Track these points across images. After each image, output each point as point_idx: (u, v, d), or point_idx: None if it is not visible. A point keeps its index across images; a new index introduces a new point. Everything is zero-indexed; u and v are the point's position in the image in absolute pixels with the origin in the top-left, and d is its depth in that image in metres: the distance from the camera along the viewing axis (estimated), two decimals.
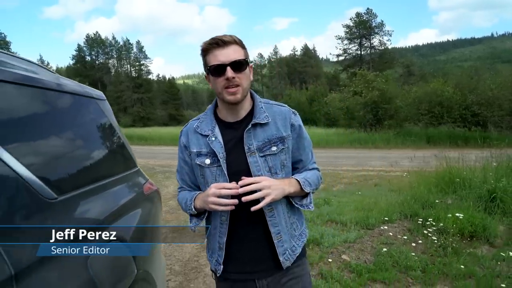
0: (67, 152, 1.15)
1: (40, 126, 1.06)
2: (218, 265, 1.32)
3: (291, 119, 1.31)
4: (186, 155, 1.33)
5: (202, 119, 1.33)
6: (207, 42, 1.21)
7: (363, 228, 4.40)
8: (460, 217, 3.99)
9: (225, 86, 1.19)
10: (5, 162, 0.83)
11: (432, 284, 3.04)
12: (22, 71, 1.02)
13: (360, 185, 8.05)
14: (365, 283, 3.01)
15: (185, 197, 1.33)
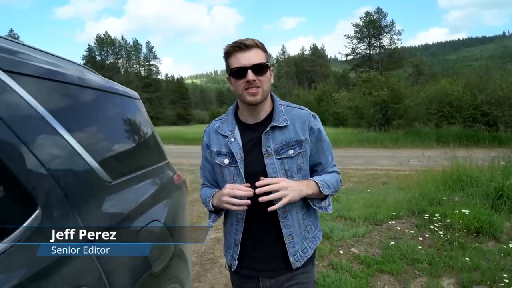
0: (117, 144, 1.34)
1: (97, 122, 1.25)
2: (233, 260, 1.37)
3: (310, 123, 1.32)
4: (208, 154, 1.38)
5: (223, 119, 1.37)
6: (229, 45, 1.25)
7: (372, 223, 4.53)
8: (466, 213, 4.10)
9: (245, 88, 1.22)
10: (78, 152, 1.02)
11: (438, 276, 3.17)
12: (98, 78, 1.24)
13: (368, 183, 8.16)
14: (373, 274, 3.16)
15: (206, 194, 1.39)
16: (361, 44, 51.04)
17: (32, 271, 0.72)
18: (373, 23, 48.97)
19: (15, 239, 0.73)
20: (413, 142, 16.35)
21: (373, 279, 3.08)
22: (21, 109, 0.86)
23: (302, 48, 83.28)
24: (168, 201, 1.55)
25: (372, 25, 49.10)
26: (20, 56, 0.94)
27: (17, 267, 0.70)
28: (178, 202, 1.68)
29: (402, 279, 3.11)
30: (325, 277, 2.96)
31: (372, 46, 50.35)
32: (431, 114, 18.46)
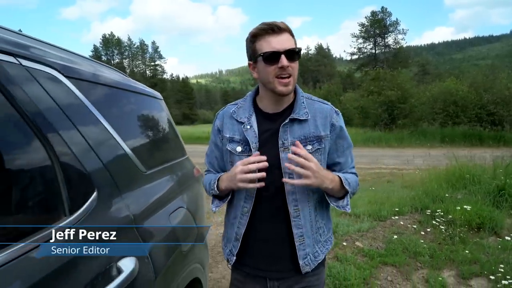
0: (147, 139, 1.52)
1: (131, 119, 1.43)
2: (231, 255, 1.30)
3: (332, 119, 1.24)
4: (218, 139, 1.29)
5: (240, 104, 1.28)
6: (259, 27, 1.15)
7: (376, 219, 4.68)
8: (468, 209, 4.23)
9: (277, 75, 1.13)
10: (120, 145, 1.19)
11: (439, 268, 3.31)
12: (128, 82, 1.43)
13: (373, 181, 8.28)
14: (377, 266, 3.31)
15: (210, 178, 1.29)
16: (366, 43, 51.06)
17: (100, 232, 0.90)
18: (378, 23, 48.93)
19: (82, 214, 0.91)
20: (418, 142, 16.42)
21: (376, 271, 3.23)
22: (78, 108, 1.04)
23: (307, 48, 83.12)
24: (189, 191, 1.72)
25: (377, 25, 49.06)
26: (73, 63, 1.12)
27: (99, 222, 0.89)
28: (197, 193, 1.85)
29: (404, 271, 3.26)
30: (331, 268, 3.12)
31: (378, 46, 50.30)
32: (436, 113, 18.50)
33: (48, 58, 0.98)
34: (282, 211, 1.20)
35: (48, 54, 1.00)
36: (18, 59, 0.86)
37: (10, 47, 0.84)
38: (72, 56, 1.18)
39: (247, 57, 1.23)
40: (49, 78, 0.95)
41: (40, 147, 0.83)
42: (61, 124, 0.91)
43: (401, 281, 3.12)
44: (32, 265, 0.73)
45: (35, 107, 0.84)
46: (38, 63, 0.93)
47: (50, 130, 0.86)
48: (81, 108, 1.04)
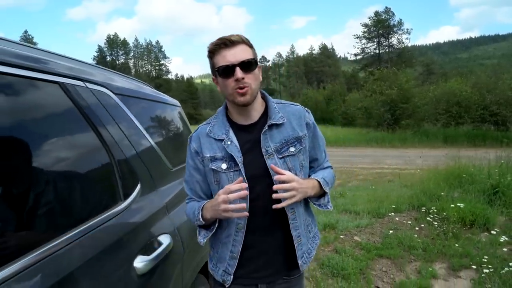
0: (170, 142, 1.80)
1: (158, 124, 1.72)
2: (227, 275, 1.26)
3: (306, 118, 1.29)
4: (198, 161, 1.26)
5: (213, 122, 1.27)
6: (214, 42, 1.18)
7: (374, 216, 4.93)
8: (461, 207, 4.47)
9: (235, 87, 1.15)
10: (153, 146, 1.48)
11: (431, 261, 3.56)
12: (153, 93, 1.71)
13: (374, 181, 8.52)
14: (373, 258, 3.57)
15: (193, 207, 1.26)
16: (370, 43, 51.14)
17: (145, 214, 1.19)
18: (381, 23, 48.99)
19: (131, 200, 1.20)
20: (421, 142, 16.59)
21: (372, 262, 3.49)
22: (125, 118, 1.32)
23: (311, 48, 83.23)
24: None
25: (381, 25, 49.13)
26: (117, 82, 1.41)
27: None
28: None
29: (398, 263, 3.52)
30: (330, 259, 3.39)
31: (381, 46, 50.37)
32: (439, 114, 18.66)
33: (103, 81, 1.26)
34: (277, 218, 1.21)
35: (102, 77, 1.29)
36: (85, 83, 1.14)
37: (82, 75, 1.13)
38: (115, 75, 1.46)
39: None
40: (105, 95, 1.24)
41: (103, 150, 1.11)
42: (116, 132, 1.20)
43: (395, 272, 3.38)
44: (111, 229, 1.03)
45: (99, 120, 1.12)
46: (98, 85, 1.21)
47: (111, 135, 1.15)
48: (126, 118, 1.32)
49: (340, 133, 21.19)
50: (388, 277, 3.27)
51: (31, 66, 0.91)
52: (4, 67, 0.82)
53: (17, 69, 0.86)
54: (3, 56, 0.83)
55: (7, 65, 0.83)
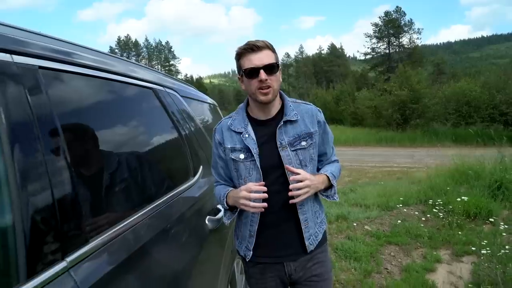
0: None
1: (208, 121, 2.11)
2: (248, 251, 1.44)
3: (317, 116, 1.44)
4: (221, 151, 1.43)
5: (234, 117, 1.44)
6: (242, 47, 1.34)
7: (384, 209, 5.25)
8: (466, 200, 4.78)
9: (258, 87, 1.30)
10: (207, 138, 1.87)
11: (436, 247, 3.88)
12: (200, 94, 2.11)
13: (383, 179, 8.80)
14: (382, 244, 3.91)
15: (220, 193, 1.44)
16: (380, 43, 50.98)
17: (207, 188, 1.58)
18: (392, 23, 48.83)
19: (198, 177, 1.58)
20: (430, 141, 16.73)
21: (381, 248, 3.83)
22: (189, 115, 1.71)
23: (320, 48, 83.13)
24: None
25: (391, 25, 48.97)
26: (180, 86, 1.80)
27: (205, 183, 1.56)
28: None
29: (405, 249, 3.85)
30: (343, 244, 3.75)
31: (392, 45, 50.19)
32: (449, 114, 18.76)
33: (173, 86, 1.66)
34: (288, 203, 1.34)
35: (172, 83, 1.68)
36: (165, 89, 1.54)
37: (163, 83, 1.52)
38: (176, 81, 1.86)
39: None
40: (176, 97, 1.63)
41: (180, 140, 1.51)
42: (186, 126, 1.59)
43: (402, 256, 3.72)
44: (192, 192, 1.43)
45: (176, 117, 1.51)
46: (172, 90, 1.60)
47: (183, 128, 1.54)
48: (190, 115, 1.71)
49: (350, 133, 21.38)
50: (396, 261, 3.61)
51: (138, 77, 1.30)
52: (129, 79, 1.21)
53: (134, 80, 1.26)
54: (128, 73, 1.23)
55: (130, 77, 1.23)
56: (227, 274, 1.70)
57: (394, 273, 3.32)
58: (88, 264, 0.74)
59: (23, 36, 0.79)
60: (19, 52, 0.74)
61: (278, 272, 1.44)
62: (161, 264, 1.08)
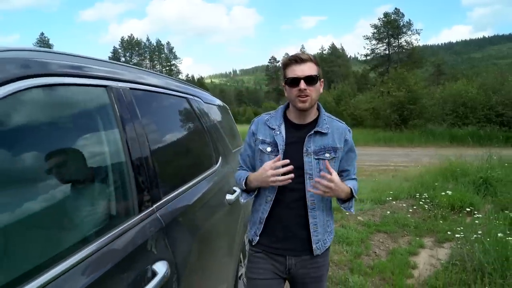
0: (228, 131, 2.64)
1: (221, 121, 2.57)
2: (255, 236, 1.56)
3: (346, 135, 1.55)
4: (252, 141, 1.57)
5: (272, 115, 1.58)
6: (287, 58, 1.49)
7: (376, 203, 5.71)
8: (450, 194, 5.23)
9: (297, 95, 1.42)
10: (224, 137, 2.32)
11: (421, 235, 4.34)
12: (213, 98, 2.58)
13: (379, 176, 9.25)
14: (372, 232, 4.36)
15: (240, 175, 1.58)
16: (380, 44, 51.31)
17: (226, 173, 2.04)
18: (391, 24, 49.18)
19: (219, 165, 2.04)
20: (427, 142, 17.17)
21: (371, 235, 4.29)
22: (211, 117, 2.17)
23: (321, 48, 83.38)
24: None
25: (390, 26, 49.31)
26: (203, 94, 2.26)
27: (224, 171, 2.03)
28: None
29: (393, 236, 4.31)
30: (337, 231, 4.20)
31: (391, 46, 50.54)
32: (446, 114, 19.19)
33: (196, 94, 2.11)
34: (301, 201, 1.48)
35: (197, 92, 2.13)
36: (193, 96, 2.00)
37: (190, 92, 1.98)
38: (198, 89, 2.32)
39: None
40: (197, 103, 2.08)
41: (206, 135, 1.96)
42: (209, 125, 2.05)
43: (390, 242, 4.17)
44: (216, 175, 1.90)
45: (203, 118, 1.97)
46: (196, 97, 2.06)
47: (207, 127, 2.00)
48: (210, 117, 2.17)
49: None
50: (384, 246, 4.06)
51: (176, 89, 1.77)
52: (172, 91, 1.68)
53: (173, 91, 1.72)
54: (168, 86, 1.69)
55: (172, 90, 1.69)
56: (240, 242, 2.16)
57: (382, 256, 3.77)
58: (163, 209, 1.21)
59: (119, 69, 1.26)
60: (116, 79, 1.19)
61: (279, 263, 1.54)
62: (200, 217, 1.57)
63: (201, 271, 1.43)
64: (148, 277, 0.97)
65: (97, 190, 1.04)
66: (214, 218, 1.73)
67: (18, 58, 0.80)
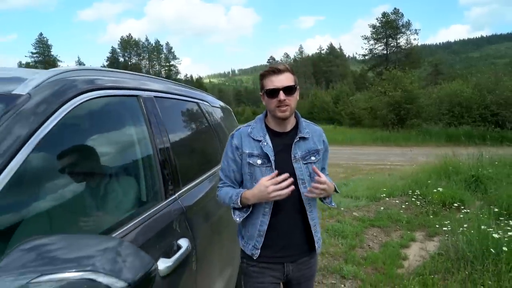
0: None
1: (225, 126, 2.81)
2: (255, 250, 1.54)
3: (323, 137, 1.64)
4: (237, 155, 1.55)
5: (253, 126, 1.58)
6: (266, 69, 1.51)
7: (371, 200, 5.96)
8: (442, 191, 5.48)
9: (277, 105, 1.46)
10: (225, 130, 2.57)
11: (413, 230, 4.59)
12: (217, 100, 2.83)
13: (375, 175, 9.49)
14: (367, 227, 4.61)
15: (229, 193, 1.53)
16: (378, 44, 51.63)
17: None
18: (389, 24, 49.50)
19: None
20: (424, 141, 17.43)
21: (365, 229, 4.54)
22: (216, 119, 2.41)
23: (319, 48, 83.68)
24: None
25: (388, 26, 49.63)
26: (208, 97, 2.50)
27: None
28: None
29: (386, 230, 4.56)
30: (333, 226, 4.45)
31: (389, 46, 50.86)
32: (442, 114, 19.46)
33: (203, 98, 2.35)
34: (298, 206, 1.52)
35: (205, 96, 2.37)
36: (201, 101, 2.23)
37: (198, 97, 2.22)
38: (206, 94, 2.56)
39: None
40: (206, 106, 2.32)
41: (213, 133, 2.20)
42: (217, 127, 2.29)
43: (383, 236, 4.42)
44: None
45: (211, 120, 2.21)
46: (204, 101, 2.30)
47: (215, 126, 2.24)
48: (215, 117, 2.41)
49: (348, 133, 22.10)
50: (377, 239, 4.31)
51: (189, 95, 2.01)
52: (185, 97, 1.92)
53: (187, 97, 1.96)
54: (182, 93, 1.93)
55: (186, 96, 1.93)
56: None
57: (375, 248, 4.02)
58: (184, 197, 1.46)
59: (145, 80, 1.51)
60: (144, 89, 1.44)
61: (278, 272, 1.57)
62: (211, 205, 1.80)
63: (213, 250, 1.67)
64: (175, 250, 1.21)
65: (136, 180, 1.29)
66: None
67: (81, 78, 1.04)
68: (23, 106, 0.84)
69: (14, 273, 0.54)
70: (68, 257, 0.60)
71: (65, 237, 0.65)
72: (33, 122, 0.83)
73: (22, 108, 0.83)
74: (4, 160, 0.73)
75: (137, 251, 0.66)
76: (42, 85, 0.92)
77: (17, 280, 0.54)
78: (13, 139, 0.77)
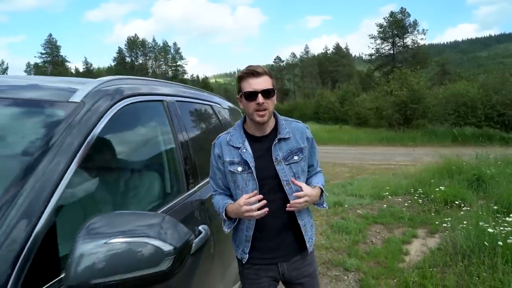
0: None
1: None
2: (244, 254, 1.56)
3: (306, 133, 1.59)
4: (220, 164, 1.54)
5: (232, 133, 1.56)
6: (243, 71, 1.47)
7: (375, 198, 6.10)
8: (445, 190, 5.62)
9: (255, 109, 1.42)
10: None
11: (415, 227, 4.73)
12: (227, 102, 3.02)
13: (380, 174, 9.61)
14: (370, 223, 4.77)
15: (219, 203, 1.54)
16: (385, 44, 51.45)
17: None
18: (397, 23, 49.31)
19: None
20: (430, 141, 17.44)
21: (369, 226, 4.70)
22: (224, 118, 2.60)
23: (325, 48, 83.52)
24: None
25: (395, 25, 49.44)
26: (219, 100, 2.69)
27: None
28: None
29: (389, 227, 4.71)
30: (338, 223, 4.62)
31: (396, 46, 50.67)
32: (448, 114, 19.45)
33: (218, 101, 2.55)
34: (284, 207, 1.46)
35: (216, 99, 2.57)
36: (216, 104, 2.43)
37: (213, 100, 2.41)
38: (218, 96, 2.75)
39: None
40: (218, 108, 2.52)
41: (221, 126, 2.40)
42: (227, 124, 2.48)
43: (386, 233, 4.57)
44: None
45: (222, 119, 2.40)
46: (216, 104, 2.49)
47: (226, 126, 2.43)
48: (228, 119, 2.60)
49: (354, 133, 22.18)
50: (380, 236, 4.47)
51: (204, 98, 2.21)
52: (201, 101, 2.12)
53: (200, 100, 2.15)
54: (199, 97, 2.12)
55: (201, 99, 2.13)
56: None
57: (377, 244, 4.18)
58: (202, 190, 1.67)
59: (168, 86, 1.71)
60: (167, 95, 1.63)
61: (272, 272, 1.58)
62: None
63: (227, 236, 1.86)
64: (196, 234, 1.41)
65: (162, 174, 1.49)
66: None
67: (121, 86, 1.24)
68: (80, 111, 1.03)
69: (93, 237, 0.74)
70: (128, 228, 0.79)
71: (122, 213, 0.85)
72: (88, 124, 1.02)
73: (79, 113, 1.03)
74: (71, 154, 0.93)
75: (178, 224, 0.85)
76: (91, 92, 1.11)
77: (95, 241, 0.73)
78: (75, 137, 0.96)
